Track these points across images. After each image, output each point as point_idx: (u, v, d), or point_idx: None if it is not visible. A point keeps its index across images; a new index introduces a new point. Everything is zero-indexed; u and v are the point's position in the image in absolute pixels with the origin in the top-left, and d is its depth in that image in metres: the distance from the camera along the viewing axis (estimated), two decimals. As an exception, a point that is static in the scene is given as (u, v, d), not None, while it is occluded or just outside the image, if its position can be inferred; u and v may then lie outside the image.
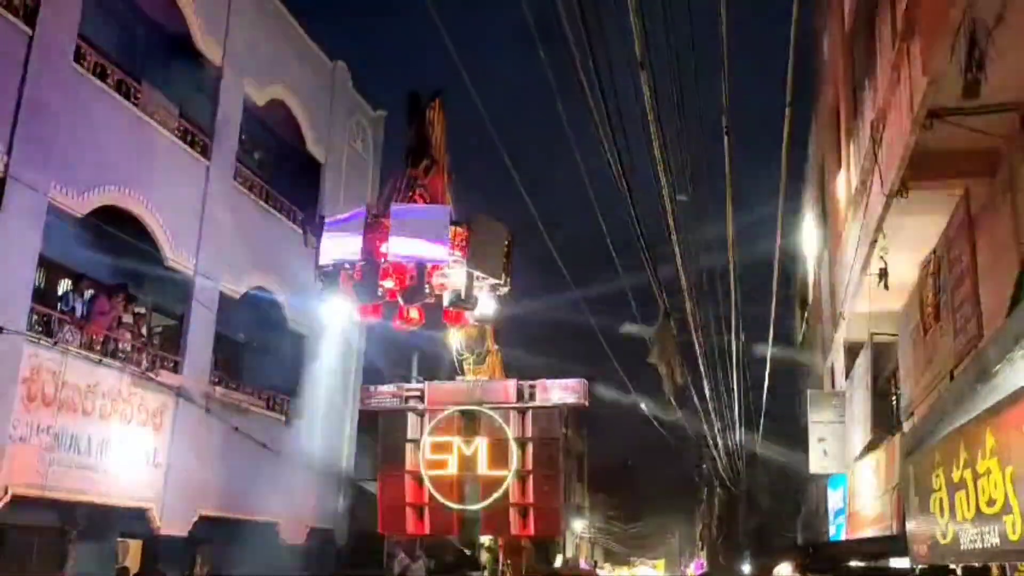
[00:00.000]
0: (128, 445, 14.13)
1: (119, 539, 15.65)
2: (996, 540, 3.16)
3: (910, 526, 4.65)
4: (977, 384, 3.60)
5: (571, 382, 17.06)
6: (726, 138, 8.26)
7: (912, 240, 8.65)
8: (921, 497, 4.15)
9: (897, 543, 6.72)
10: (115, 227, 14.26)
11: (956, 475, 3.52)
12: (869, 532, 9.00)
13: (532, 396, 16.93)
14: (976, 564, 6.31)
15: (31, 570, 13.52)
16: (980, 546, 3.30)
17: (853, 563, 7.58)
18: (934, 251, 7.38)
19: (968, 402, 3.70)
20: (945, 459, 3.70)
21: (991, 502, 3.16)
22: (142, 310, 15.77)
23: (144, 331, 15.63)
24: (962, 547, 3.54)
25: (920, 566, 7.13)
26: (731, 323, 14.06)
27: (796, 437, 19.17)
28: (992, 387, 3.49)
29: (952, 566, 7.20)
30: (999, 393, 3.29)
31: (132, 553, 16.14)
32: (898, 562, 7.45)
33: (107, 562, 15.22)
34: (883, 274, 10.44)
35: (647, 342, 13.00)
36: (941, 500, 3.78)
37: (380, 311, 11.52)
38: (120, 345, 14.31)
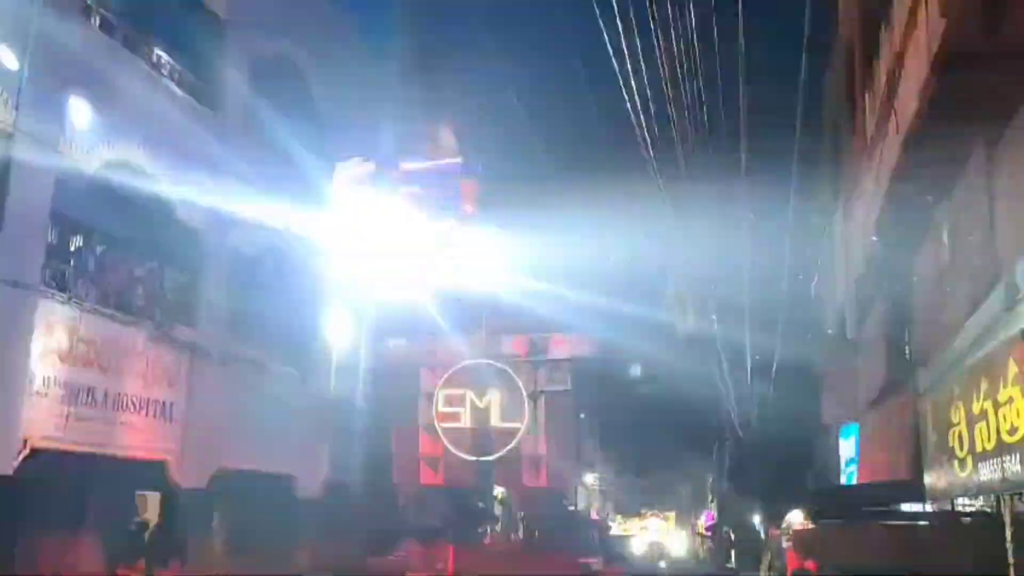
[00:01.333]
0: (145, 400, 14.25)
1: (138, 492, 15.85)
2: (1017, 468, 3.16)
3: (926, 462, 4.65)
4: (1002, 313, 3.57)
5: (582, 336, 17.15)
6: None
7: (927, 189, 8.58)
8: (939, 433, 4.14)
9: (910, 487, 6.75)
10: (126, 182, 14.23)
11: (976, 407, 3.50)
12: (882, 479, 9.04)
13: (544, 350, 17.05)
14: (994, 495, 6.36)
15: (51, 523, 13.72)
16: (1000, 476, 3.30)
17: (864, 509, 7.61)
18: (950, 195, 7.31)
19: (990, 334, 3.69)
20: (965, 392, 3.68)
21: (1012, 430, 3.15)
22: (155, 265, 15.79)
23: (158, 287, 15.66)
24: (981, 479, 3.53)
25: (931, 509, 7.18)
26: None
27: (808, 389, 19.21)
28: (1016, 315, 3.47)
29: (961, 508, 7.25)
30: (1023, 321, 3.27)
31: (151, 506, 16.37)
32: (909, 507, 7.48)
33: (126, 515, 15.44)
34: (898, 218, 10.38)
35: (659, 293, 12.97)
36: (960, 433, 3.77)
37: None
38: (134, 301, 14.36)
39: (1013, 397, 3.15)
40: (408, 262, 10.84)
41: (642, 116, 8.73)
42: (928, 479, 4.52)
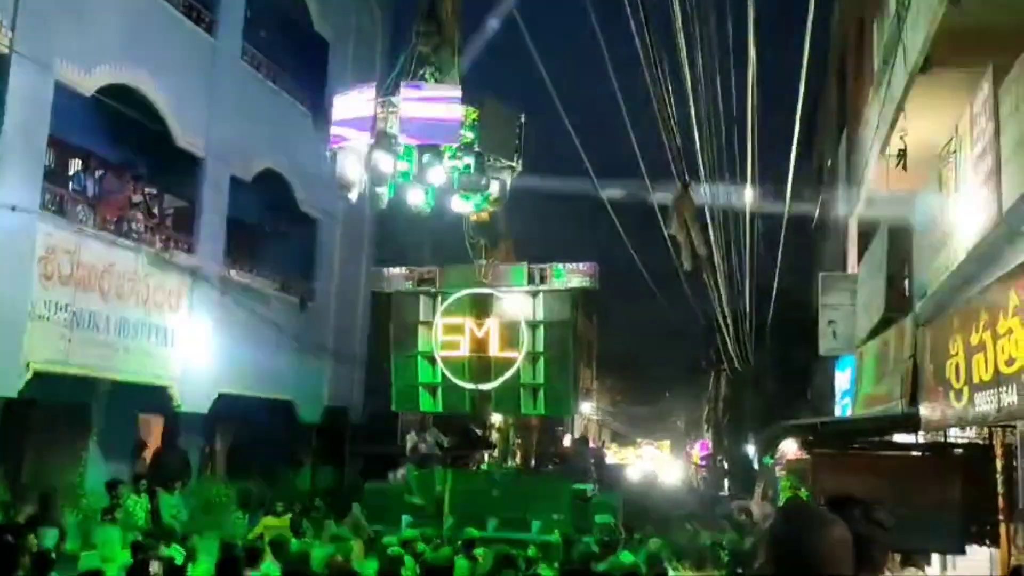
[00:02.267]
0: (145, 324, 14.34)
1: (141, 415, 16.07)
2: (1013, 398, 3.20)
3: (922, 393, 4.72)
4: (1004, 245, 3.58)
5: (582, 265, 17.06)
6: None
7: (932, 124, 8.50)
8: (936, 364, 4.19)
9: (905, 418, 6.85)
10: (124, 107, 14.12)
11: (975, 338, 3.54)
12: (876, 411, 9.16)
13: (543, 279, 16.98)
14: (987, 428, 6.47)
15: (55, 445, 13.94)
16: (995, 406, 3.35)
17: (858, 444, 7.73)
18: (956, 129, 7.25)
19: (992, 265, 3.70)
20: (964, 324, 3.72)
21: (1010, 361, 3.19)
22: (153, 191, 15.74)
23: (156, 212, 15.64)
24: (976, 409, 3.58)
25: (924, 440, 7.29)
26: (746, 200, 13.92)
27: (804, 323, 19.31)
28: (1018, 247, 3.48)
29: (954, 439, 7.37)
30: None
31: (153, 429, 16.60)
32: (903, 438, 7.59)
33: (129, 438, 15.69)
34: (902, 155, 10.32)
35: (664, 215, 12.88)
36: (957, 365, 3.81)
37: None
38: (134, 226, 14.36)
39: (1012, 329, 3.18)
40: (405, 188, 10.76)
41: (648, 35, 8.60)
42: (923, 410, 4.58)
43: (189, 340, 15.29)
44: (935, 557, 7.74)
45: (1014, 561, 6.93)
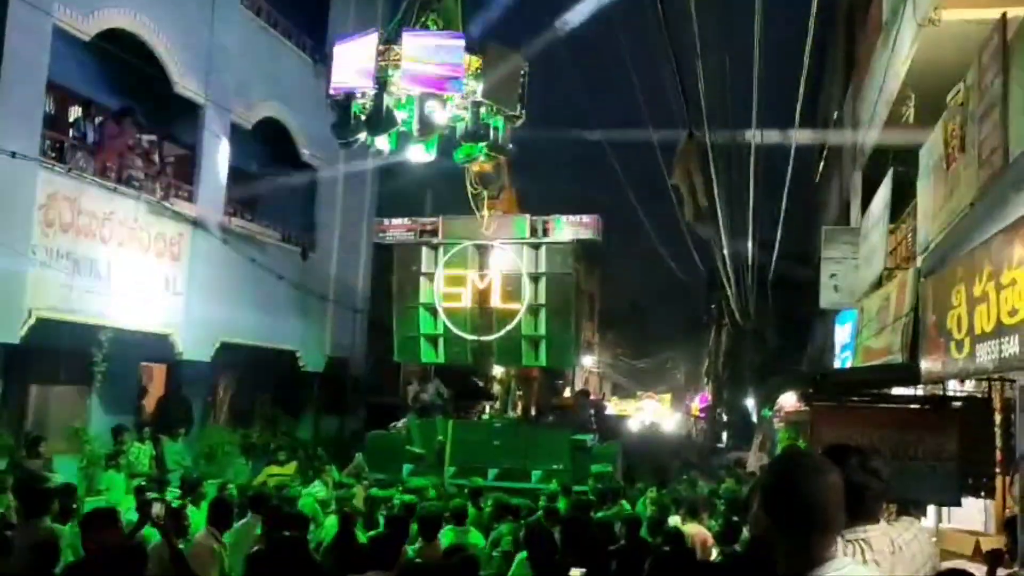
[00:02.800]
0: (147, 273, 14.34)
1: (143, 363, 16.13)
2: (1015, 349, 3.19)
3: (923, 345, 4.71)
4: (1010, 196, 3.55)
5: (585, 217, 17.00)
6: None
7: (940, 75, 8.41)
8: (938, 315, 4.18)
9: (905, 370, 6.86)
10: (122, 53, 13.98)
11: (978, 289, 3.52)
12: (877, 364, 9.18)
13: (546, 231, 16.93)
14: (986, 382, 6.49)
15: (57, 392, 14.03)
16: (996, 357, 3.34)
17: (856, 397, 7.74)
18: (964, 80, 7.16)
19: (997, 216, 3.67)
20: (967, 274, 3.70)
21: (1013, 312, 3.17)
22: (153, 138, 15.64)
23: (157, 159, 15.56)
24: (977, 360, 3.58)
25: (922, 394, 7.30)
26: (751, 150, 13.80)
27: (807, 277, 19.30)
28: (1025, 196, 3.46)
29: (953, 392, 7.39)
30: None
31: (156, 377, 16.69)
32: (902, 391, 7.61)
33: (130, 385, 15.76)
34: (908, 107, 10.23)
35: (668, 166, 12.81)
36: (959, 316, 3.80)
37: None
38: (133, 173, 14.28)
39: (1016, 279, 3.16)
40: (406, 138, 10.67)
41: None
42: (923, 362, 4.57)
43: (190, 288, 15.31)
44: (931, 508, 7.80)
45: (1008, 513, 6.99)
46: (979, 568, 5.45)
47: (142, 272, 14.20)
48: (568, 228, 16.84)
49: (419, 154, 11.52)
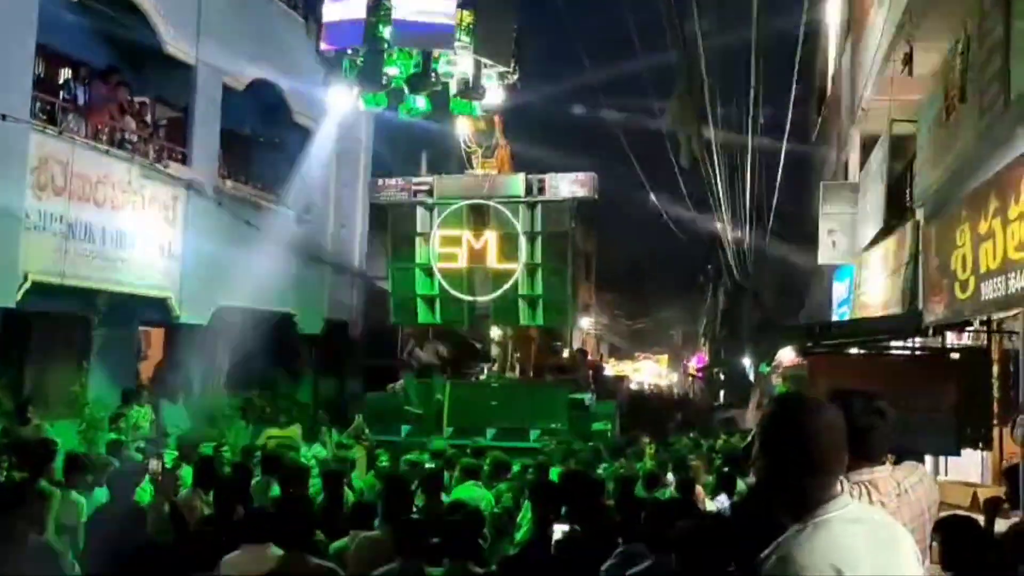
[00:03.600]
0: (142, 236, 14.24)
1: (141, 327, 16.11)
2: (1022, 283, 3.15)
3: (926, 288, 4.68)
4: (1016, 130, 3.50)
5: (580, 175, 16.86)
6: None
7: (939, 27, 8.29)
8: (941, 258, 4.14)
9: (904, 319, 6.86)
10: (112, 12, 13.79)
11: (983, 226, 3.48)
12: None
13: (541, 190, 16.79)
14: (988, 329, 6.48)
15: (55, 357, 14.01)
16: (1003, 293, 3.30)
17: (854, 350, 7.76)
18: (965, 28, 7.06)
19: (1000, 154, 3.62)
20: (972, 213, 3.65)
21: (1020, 246, 3.13)
22: (145, 100, 15.48)
23: (149, 121, 15.41)
24: (983, 298, 3.54)
25: (921, 346, 7.31)
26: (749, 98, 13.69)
27: (804, 234, 19.26)
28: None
29: (951, 345, 7.39)
30: None
31: (154, 341, 16.68)
32: (900, 343, 7.62)
33: (129, 349, 15.75)
34: (908, 59, 10.11)
35: (664, 113, 12.69)
36: (963, 256, 3.76)
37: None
38: (126, 135, 14.16)
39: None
40: (399, 95, 10.53)
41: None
42: (926, 306, 4.54)
43: (186, 252, 15.23)
44: (928, 460, 7.84)
45: (1006, 463, 7.01)
46: (978, 518, 5.46)
47: (137, 235, 14.11)
48: (564, 186, 16.72)
49: (413, 110, 11.39)
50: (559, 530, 4.22)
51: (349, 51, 10.83)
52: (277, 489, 7.23)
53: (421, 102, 11.23)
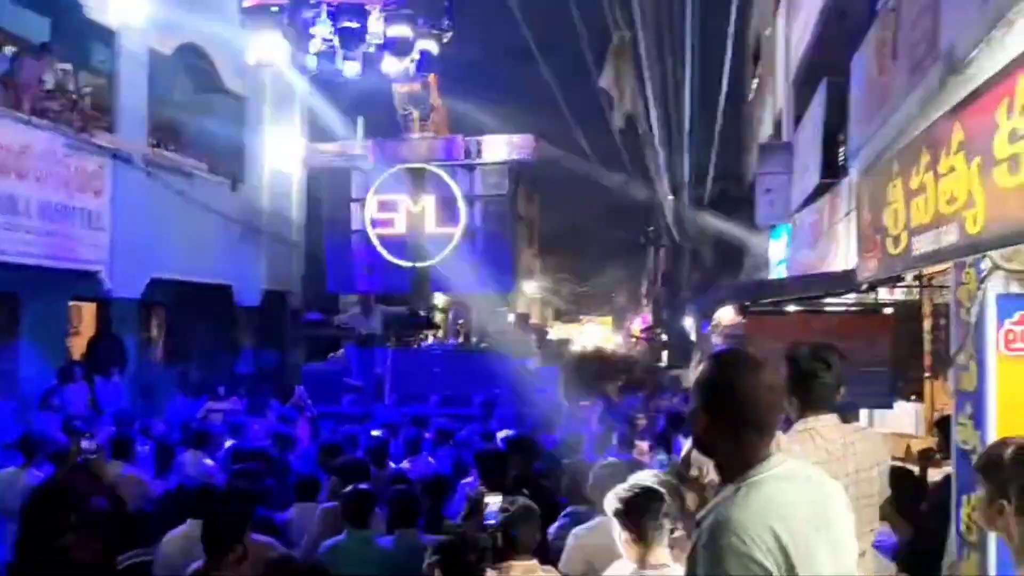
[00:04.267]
0: (69, 208, 13.82)
1: (71, 302, 15.69)
2: (953, 238, 3.17)
3: (859, 245, 4.72)
4: (948, 78, 3.51)
5: (518, 137, 16.74)
6: None
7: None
8: (873, 213, 4.16)
9: (839, 276, 6.95)
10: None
11: (915, 181, 3.49)
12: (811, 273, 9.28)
13: (479, 153, 16.65)
14: (917, 289, 6.61)
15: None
16: (935, 247, 3.32)
17: (792, 307, 7.86)
18: (896, -15, 7.09)
19: (934, 105, 3.63)
20: (904, 167, 3.66)
21: (952, 200, 3.14)
22: (68, 67, 14.93)
23: (73, 90, 14.88)
24: (914, 253, 3.56)
25: (855, 302, 7.42)
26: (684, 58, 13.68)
27: (744, 195, 19.45)
28: (964, 79, 3.41)
29: (884, 300, 7.52)
30: (973, 82, 3.20)
31: (86, 316, 16.26)
32: (835, 300, 7.72)
33: (60, 325, 15.32)
34: (841, 17, 10.17)
35: (598, 71, 12.58)
36: (896, 210, 3.78)
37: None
38: (48, 104, 13.65)
39: (955, 166, 3.12)
40: (330, 55, 10.24)
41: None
42: (859, 262, 4.58)
43: (116, 223, 14.82)
44: (863, 413, 8.00)
45: (938, 415, 7.18)
46: (913, 468, 5.58)
47: (64, 207, 13.68)
48: (502, 148, 16.59)
49: (344, 71, 11.08)
50: (494, 502, 4.20)
51: (274, 8, 10.47)
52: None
53: (352, 63, 10.93)
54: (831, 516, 2.18)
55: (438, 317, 23.61)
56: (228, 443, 8.71)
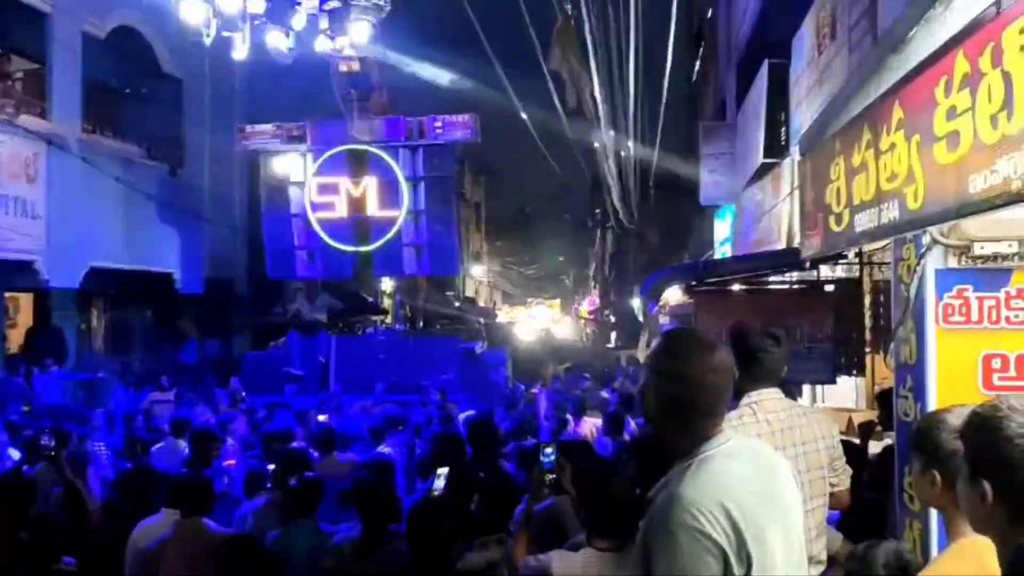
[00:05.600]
0: (2, 196, 13.43)
1: (7, 293, 15.28)
2: (895, 214, 3.21)
3: (802, 224, 4.78)
4: (887, 57, 3.55)
5: (462, 117, 16.49)
6: None
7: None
8: (816, 191, 4.20)
9: (782, 254, 7.04)
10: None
11: (856, 159, 3.52)
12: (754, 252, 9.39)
13: (422, 133, 16.37)
14: (860, 261, 6.72)
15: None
16: (876, 224, 3.37)
17: (737, 287, 7.95)
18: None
19: (874, 84, 3.67)
20: (845, 146, 3.70)
21: (892, 177, 3.18)
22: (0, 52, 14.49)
23: (4, 74, 14.43)
24: (857, 229, 3.61)
25: (797, 280, 7.53)
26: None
27: (688, 177, 19.61)
28: (903, 58, 3.45)
29: (826, 278, 7.64)
30: (912, 61, 3.25)
31: (23, 307, 15.85)
32: (779, 278, 7.83)
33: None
34: (780, -2, 10.24)
35: (546, 51, 12.49)
36: (838, 189, 3.82)
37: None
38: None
39: (895, 144, 3.16)
40: (264, 32, 9.92)
41: None
42: (803, 240, 4.64)
43: (51, 212, 14.44)
44: (806, 388, 8.14)
45: (877, 388, 7.32)
46: (853, 441, 5.68)
47: (-4, 196, 13.30)
48: (446, 128, 16.31)
49: (279, 48, 10.74)
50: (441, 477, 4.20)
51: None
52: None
53: (283, 38, 10.54)
54: (779, 491, 2.20)
55: (386, 303, 23.46)
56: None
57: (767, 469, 2.22)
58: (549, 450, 3.89)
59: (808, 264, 5.70)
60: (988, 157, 2.52)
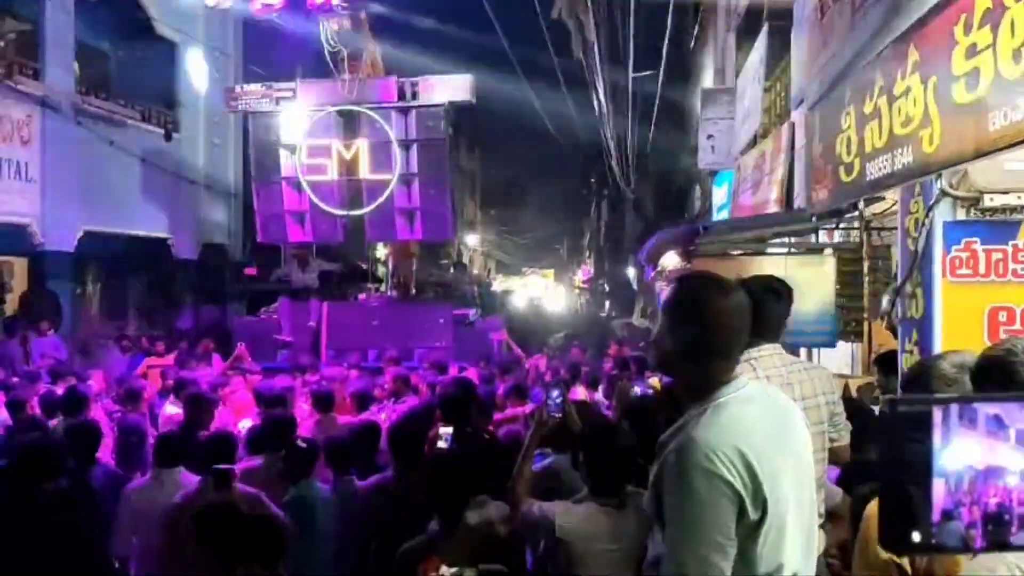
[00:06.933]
0: (-7, 159, 13.35)
1: (1, 257, 15.19)
2: (909, 159, 3.17)
3: (808, 177, 4.74)
4: (888, 22, 3.49)
5: (456, 78, 16.14)
6: None
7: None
8: (825, 143, 4.16)
9: (782, 216, 7.01)
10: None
11: (868, 107, 3.48)
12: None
13: (415, 95, 16.01)
14: (856, 232, 6.69)
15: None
16: (889, 170, 3.33)
17: (737, 251, 7.92)
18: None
19: (890, 24, 3.61)
20: (857, 94, 3.65)
21: (907, 121, 3.14)
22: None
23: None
24: (868, 178, 3.57)
25: (796, 250, 7.51)
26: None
27: (686, 145, 19.52)
28: (913, 6, 3.40)
29: (826, 243, 7.62)
30: (927, 3, 3.19)
31: (18, 272, 15.77)
32: (776, 248, 7.82)
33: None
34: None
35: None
36: (848, 138, 3.77)
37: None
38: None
39: (910, 87, 3.11)
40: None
41: None
42: (810, 193, 4.59)
43: (45, 175, 14.35)
44: (803, 352, 8.15)
45: (875, 354, 7.32)
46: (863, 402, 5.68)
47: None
48: (439, 90, 15.94)
49: (268, 3, 10.45)
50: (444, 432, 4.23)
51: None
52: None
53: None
54: (793, 437, 2.19)
55: (380, 271, 23.36)
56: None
57: (782, 415, 2.21)
58: (555, 392, 3.88)
59: (814, 217, 5.66)
60: (1010, 93, 2.47)
